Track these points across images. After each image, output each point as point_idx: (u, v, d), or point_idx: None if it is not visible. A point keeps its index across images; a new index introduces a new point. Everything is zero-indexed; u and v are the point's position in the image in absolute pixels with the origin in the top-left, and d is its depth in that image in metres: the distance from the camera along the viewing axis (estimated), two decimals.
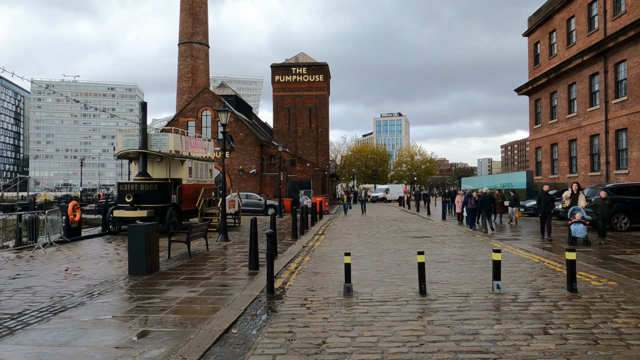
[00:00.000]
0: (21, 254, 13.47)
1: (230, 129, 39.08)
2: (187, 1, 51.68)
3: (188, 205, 20.34)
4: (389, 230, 20.48)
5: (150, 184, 18.20)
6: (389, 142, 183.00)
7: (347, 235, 18.93)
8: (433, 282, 8.74)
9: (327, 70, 49.29)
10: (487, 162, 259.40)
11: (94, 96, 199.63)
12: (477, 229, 19.46)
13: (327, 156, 51.95)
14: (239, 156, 38.48)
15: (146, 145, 18.82)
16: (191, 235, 12.43)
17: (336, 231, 20.88)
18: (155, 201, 18.26)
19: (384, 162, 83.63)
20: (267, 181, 39.06)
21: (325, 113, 48.84)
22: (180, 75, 51.36)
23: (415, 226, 22.83)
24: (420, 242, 15.84)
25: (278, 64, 48.70)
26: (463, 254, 12.62)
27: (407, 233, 19.20)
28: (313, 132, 47.99)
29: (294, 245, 15.49)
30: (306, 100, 48.09)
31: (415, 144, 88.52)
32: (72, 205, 16.59)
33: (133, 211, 17.72)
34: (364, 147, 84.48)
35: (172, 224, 18.45)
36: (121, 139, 19.48)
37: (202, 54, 51.82)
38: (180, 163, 20.00)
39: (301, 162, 41.59)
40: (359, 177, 77.96)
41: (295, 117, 48.05)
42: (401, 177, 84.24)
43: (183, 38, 51.56)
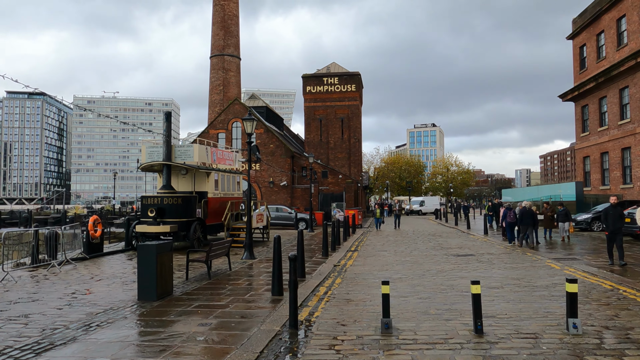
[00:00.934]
0: (36, 272, 12.71)
1: (261, 141, 38.34)
2: (218, 14, 51.78)
3: (214, 220, 19.40)
4: (427, 247, 18.92)
5: (174, 198, 17.35)
6: (423, 153, 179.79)
7: (382, 252, 17.49)
8: (489, 316, 7.28)
9: (360, 80, 48.15)
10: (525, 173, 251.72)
11: (132, 111, 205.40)
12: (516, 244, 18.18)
13: (360, 168, 50.57)
14: (269, 168, 37.63)
15: (170, 157, 18.03)
16: (211, 254, 11.33)
17: (370, 247, 19.47)
18: (179, 215, 17.38)
19: (418, 174, 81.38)
20: (298, 194, 38.03)
21: (357, 123, 47.60)
22: (211, 87, 51.30)
23: (456, 242, 21.15)
24: (464, 261, 14.26)
25: (309, 75, 47.92)
26: (517, 277, 11.02)
27: (448, 250, 17.60)
28: (345, 143, 46.77)
29: (324, 264, 14.20)
30: (338, 110, 47.00)
31: (451, 155, 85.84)
32: (92, 220, 15.88)
33: (156, 226, 16.88)
34: (398, 158, 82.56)
35: (196, 240, 17.50)
36: (145, 150, 18.79)
37: (233, 67, 51.66)
38: (205, 175, 19.12)
39: (333, 173, 40.39)
40: (393, 189, 76.02)
41: (327, 128, 47.00)
42: (436, 188, 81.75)
43: (215, 51, 51.58)
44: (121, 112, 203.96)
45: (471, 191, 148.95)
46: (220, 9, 51.67)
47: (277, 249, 9.32)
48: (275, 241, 9.46)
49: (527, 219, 17.40)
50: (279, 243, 9.42)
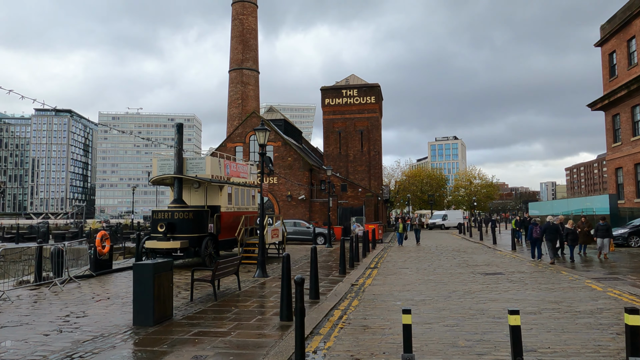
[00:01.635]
0: (37, 291, 12.09)
1: (278, 154, 37.72)
2: (237, 29, 51.86)
3: (227, 235, 18.64)
4: (452, 264, 17.76)
5: (184, 212, 16.66)
6: (445, 166, 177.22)
7: (404, 270, 16.42)
8: (529, 350, 6.23)
9: (379, 92, 47.32)
10: (550, 186, 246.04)
11: (155, 127, 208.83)
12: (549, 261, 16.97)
13: (380, 181, 49.47)
14: (287, 182, 36.93)
15: (182, 170, 17.41)
16: (218, 273, 10.51)
17: (391, 264, 18.41)
18: (190, 231, 16.67)
19: (440, 187, 79.68)
20: (316, 208, 37.15)
21: (377, 136, 46.66)
22: (230, 101, 51.16)
23: (482, 258, 19.90)
24: (494, 280, 13.11)
25: (328, 87, 47.32)
26: (555, 301, 9.87)
27: (474, 268, 16.42)
28: (365, 155, 45.82)
29: (341, 283, 13.23)
30: (357, 123, 46.17)
31: (474, 167, 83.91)
32: (100, 236, 15.27)
33: (166, 242, 16.19)
34: (419, 171, 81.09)
35: (208, 256, 16.74)
36: (156, 163, 18.22)
37: (252, 80, 51.49)
38: (218, 189, 18.42)
39: (352, 187, 39.44)
40: (415, 203, 74.48)
41: (346, 140, 46.19)
42: (459, 202, 79.87)
43: (233, 65, 51.56)
44: (144, 127, 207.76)
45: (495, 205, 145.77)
46: (239, 24, 51.75)
47: (286, 268, 8.44)
48: (284, 260, 8.57)
49: (552, 234, 16.92)
50: (288, 262, 8.53)
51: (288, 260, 8.59)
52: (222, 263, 10.85)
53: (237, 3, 52.15)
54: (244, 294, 11.41)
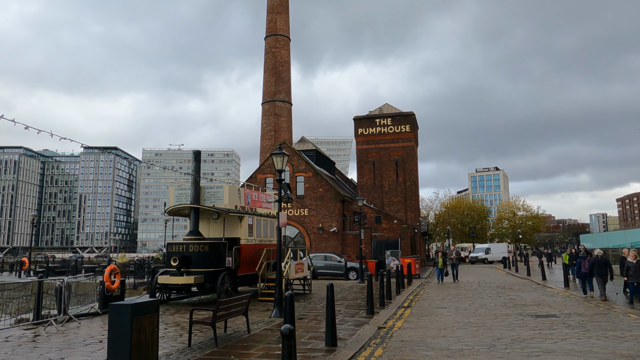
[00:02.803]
0: (33, 331, 11.07)
1: (309, 185, 36.58)
2: (270, 62, 52.14)
3: (247, 270, 17.34)
4: (496, 303, 15.70)
5: (200, 245, 15.53)
6: (487, 198, 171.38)
7: (440, 310, 14.54)
8: None
9: (414, 120, 45.85)
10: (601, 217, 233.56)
11: None
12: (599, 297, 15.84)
13: (418, 212, 47.32)
14: (318, 213, 35.57)
15: (199, 200, 16.41)
16: (220, 314, 9.14)
17: (426, 303, 16.52)
18: (206, 265, 15.49)
19: (482, 219, 76.09)
20: (349, 240, 35.47)
21: (413, 165, 44.89)
22: (263, 133, 50.93)
23: (531, 297, 17.69)
24: (547, 325, 11.12)
25: (361, 116, 46.31)
26: (631, 355, 7.91)
27: (522, 308, 14.35)
28: (400, 186, 44.02)
29: (366, 325, 11.57)
30: (392, 152, 44.66)
31: (518, 198, 79.90)
32: (109, 271, 14.27)
33: (179, 277, 15.03)
34: (459, 202, 77.94)
35: (224, 292, 15.44)
36: (173, 193, 17.32)
37: (284, 112, 51.24)
38: (238, 219, 17.27)
39: (387, 219, 37.63)
40: (455, 236, 71.21)
41: (380, 170, 44.64)
42: (503, 235, 75.85)
43: (266, 97, 51.58)
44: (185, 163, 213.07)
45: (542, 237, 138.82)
46: (271, 57, 52.05)
47: (290, 311, 6.98)
48: (286, 302, 7.12)
49: (601, 269, 15.96)
50: (291, 303, 7.08)
51: (291, 301, 7.14)
52: (226, 302, 9.49)
53: (270, 37, 52.63)
54: (252, 338, 9.96)
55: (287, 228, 36.88)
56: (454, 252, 27.65)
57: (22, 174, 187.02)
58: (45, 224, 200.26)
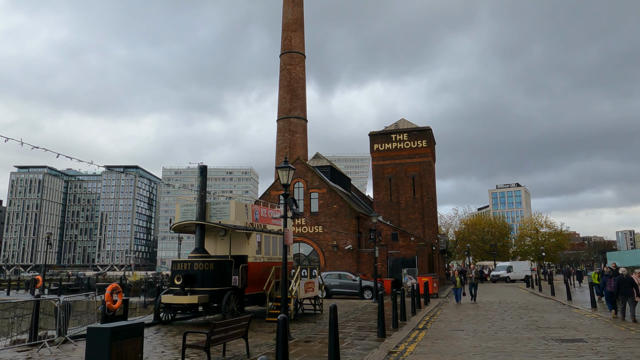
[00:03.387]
0: (26, 353, 10.60)
1: (323, 201, 35.95)
2: (285, 78, 52.17)
3: (255, 289, 16.72)
4: (518, 326, 14.72)
5: (205, 263, 15.01)
6: (508, 214, 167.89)
7: (457, 332, 13.65)
8: None
9: (431, 135, 45.06)
10: (628, 234, 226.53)
11: (214, 180, 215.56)
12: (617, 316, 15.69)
13: (436, 229, 46.15)
14: (332, 231, 34.84)
15: (204, 216, 15.94)
16: (215, 337, 8.53)
17: (443, 325, 15.61)
18: (211, 284, 14.94)
19: (503, 236, 74.12)
20: (365, 258, 34.57)
21: (430, 181, 43.95)
22: (278, 150, 50.67)
23: (556, 319, 16.61)
24: (574, 351, 10.19)
25: (377, 132, 45.73)
26: None
27: (546, 331, 13.37)
28: (417, 202, 43.05)
29: (376, 350, 10.80)
30: (408, 168, 43.83)
31: (540, 214, 77.69)
32: (110, 289, 13.81)
33: (183, 296, 14.50)
34: (479, 219, 76.16)
35: (229, 313, 14.82)
36: (179, 209, 16.91)
37: (299, 129, 50.99)
38: (245, 236, 16.74)
39: (404, 236, 36.67)
40: (475, 253, 69.40)
41: (397, 187, 43.79)
42: (526, 252, 73.65)
43: (281, 114, 51.48)
44: None
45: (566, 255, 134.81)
46: (287, 73, 52.10)
47: (282, 335, 6.33)
48: (278, 327, 6.47)
49: (626, 288, 15.32)
50: (284, 327, 6.43)
51: (284, 325, 6.48)
52: (222, 325, 8.89)
53: (285, 54, 52.77)
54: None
55: (301, 245, 36.21)
56: (473, 271, 26.10)
57: (46, 193, 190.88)
58: (68, 242, 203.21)
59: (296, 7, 55.08)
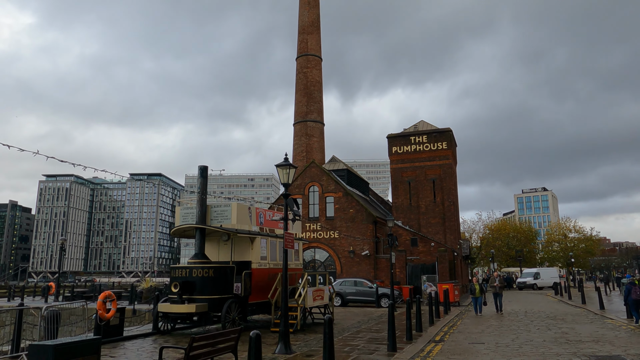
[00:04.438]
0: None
1: (339, 205, 34.84)
2: (301, 82, 51.41)
3: (260, 297, 15.73)
4: (545, 339, 13.33)
5: (204, 269, 14.11)
6: (535, 220, 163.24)
7: (477, 346, 12.37)
8: None
9: (451, 137, 43.51)
10: None
11: (235, 187, 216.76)
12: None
13: (458, 235, 44.48)
14: (349, 236, 33.65)
15: (205, 219, 15.07)
16: (194, 353, 7.54)
17: (462, 336, 14.32)
18: (210, 291, 14.04)
19: (530, 242, 71.46)
20: (382, 265, 33.25)
21: (451, 184, 42.35)
22: (295, 154, 49.81)
23: (588, 330, 15.12)
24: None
25: (395, 134, 44.41)
26: None
27: (577, 346, 11.97)
28: (438, 206, 41.50)
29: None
30: (428, 171, 42.36)
31: (569, 219, 74.70)
32: (102, 297, 13.02)
33: (180, 305, 13.61)
34: (504, 224, 73.64)
35: (230, 322, 13.86)
36: (179, 212, 16.08)
37: (316, 132, 50.06)
38: (249, 241, 15.79)
39: (424, 241, 35.23)
40: (500, 259, 67.04)
41: (416, 191, 42.35)
42: (553, 258, 70.81)
43: (298, 117, 50.67)
44: (226, 188, 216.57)
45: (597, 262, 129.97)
46: (303, 77, 51.32)
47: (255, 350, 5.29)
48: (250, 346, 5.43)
49: None
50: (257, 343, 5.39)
51: (257, 343, 5.44)
52: (204, 339, 7.89)
53: (301, 57, 52.03)
54: None
55: (316, 251, 35.13)
56: (497, 279, 23.82)
57: (73, 201, 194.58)
58: (94, 249, 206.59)
59: (312, 10, 54.38)
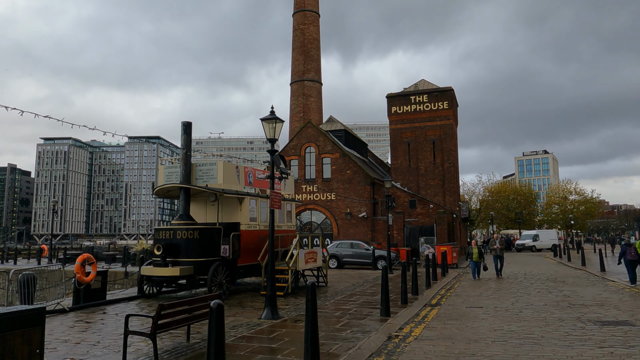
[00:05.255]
0: None
1: (336, 167, 33.96)
2: (298, 39, 49.55)
3: (250, 259, 15.07)
4: (546, 302, 12.73)
5: (188, 231, 13.36)
6: (535, 182, 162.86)
7: (475, 310, 11.76)
8: None
9: (453, 96, 42.13)
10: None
11: (234, 150, 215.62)
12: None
13: (457, 197, 43.80)
14: (346, 198, 32.95)
15: (189, 179, 14.21)
16: (163, 322, 6.84)
17: (460, 300, 13.75)
18: (196, 254, 13.32)
19: (529, 204, 71.01)
20: (380, 227, 32.70)
21: (452, 145, 41.30)
22: (292, 115, 48.60)
23: (591, 294, 14.54)
24: (620, 338, 8.18)
25: (395, 94, 42.99)
26: None
27: (581, 310, 11.35)
28: (438, 168, 40.63)
29: (374, 333, 9.01)
30: (428, 131, 41.23)
31: (570, 181, 74.02)
32: (81, 260, 12.32)
33: (163, 268, 12.94)
34: (504, 186, 72.90)
35: (217, 286, 13.24)
36: (163, 172, 15.19)
37: (314, 92, 48.63)
38: (237, 202, 15.00)
39: (423, 203, 34.56)
40: (500, 222, 66.77)
41: (416, 152, 41.35)
42: (553, 221, 70.59)
43: (294, 77, 49.12)
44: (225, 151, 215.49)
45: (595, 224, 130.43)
46: (300, 34, 49.40)
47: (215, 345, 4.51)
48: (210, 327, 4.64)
49: None
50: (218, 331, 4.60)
51: (219, 314, 4.66)
52: (175, 305, 7.17)
53: (298, 13, 49.95)
54: None
55: (313, 213, 34.52)
56: (497, 241, 21.33)
57: (72, 164, 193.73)
58: (95, 212, 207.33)
59: None
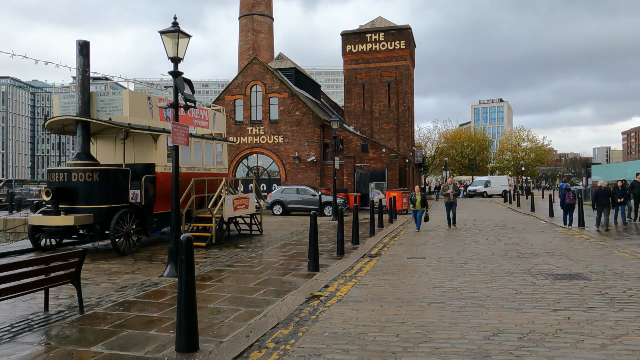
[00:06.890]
0: None
1: (284, 107, 31.71)
2: None
3: (167, 206, 13.09)
4: (494, 252, 11.60)
5: (86, 173, 11.18)
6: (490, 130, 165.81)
7: (416, 261, 10.44)
8: None
9: (410, 35, 39.98)
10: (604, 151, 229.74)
11: None
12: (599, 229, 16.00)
13: (411, 141, 42.71)
14: (294, 141, 30.99)
15: (89, 110, 11.83)
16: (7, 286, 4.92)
17: (402, 249, 12.46)
18: (97, 200, 11.25)
19: (483, 150, 71.49)
20: (329, 172, 31.12)
21: (407, 88, 39.63)
22: (240, 52, 45.22)
23: (540, 240, 13.62)
24: (576, 298, 6.94)
25: (350, 31, 40.36)
26: None
27: (531, 260, 10.23)
28: (392, 111, 39.09)
29: (294, 292, 7.47)
30: (384, 72, 39.25)
31: (523, 128, 74.73)
32: None
33: (55, 216, 10.83)
34: (459, 133, 72.75)
35: (124, 237, 11.31)
36: (58, 102, 12.66)
37: (264, 27, 45.18)
38: (151, 139, 12.82)
39: (375, 147, 33.15)
40: (454, 168, 67.01)
41: (370, 94, 39.49)
42: (505, 167, 71.63)
43: (243, 10, 45.30)
44: None
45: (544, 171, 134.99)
46: None
47: None
48: None
49: (603, 199, 16.44)
50: None
51: None
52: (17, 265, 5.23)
53: None
54: (80, 323, 5.80)
55: (259, 157, 32.52)
56: (451, 186, 18.66)
57: (11, 106, 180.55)
58: (40, 157, 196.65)
59: None
